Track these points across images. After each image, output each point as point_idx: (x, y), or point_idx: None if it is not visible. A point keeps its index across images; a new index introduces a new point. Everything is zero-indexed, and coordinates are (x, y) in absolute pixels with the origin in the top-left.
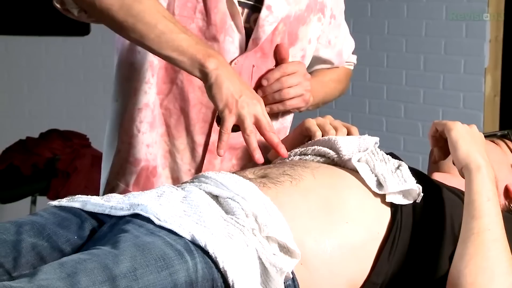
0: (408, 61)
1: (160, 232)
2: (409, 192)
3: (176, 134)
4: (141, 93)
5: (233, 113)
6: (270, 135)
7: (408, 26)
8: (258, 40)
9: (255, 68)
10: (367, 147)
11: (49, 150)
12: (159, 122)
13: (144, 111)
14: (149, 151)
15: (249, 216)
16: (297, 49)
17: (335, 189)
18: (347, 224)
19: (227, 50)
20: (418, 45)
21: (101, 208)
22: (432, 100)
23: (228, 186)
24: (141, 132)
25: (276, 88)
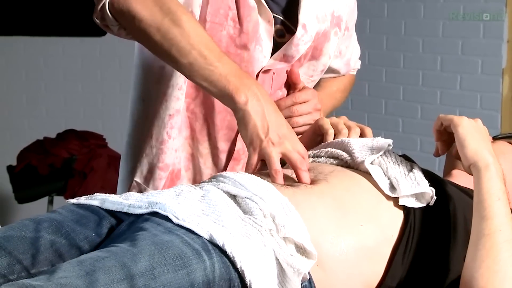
0: (425, 61)
1: (178, 231)
2: (422, 195)
3: (200, 138)
4: (173, 99)
5: (257, 152)
6: (299, 173)
7: (425, 27)
8: (291, 58)
9: (275, 75)
10: (380, 150)
11: (66, 150)
12: (185, 125)
13: (176, 117)
14: (176, 155)
15: (266, 216)
16: (320, 64)
17: (349, 192)
18: (362, 226)
19: (256, 59)
20: (435, 46)
21: (120, 206)
22: (449, 100)
23: (246, 186)
24: (171, 138)
25: (286, 115)
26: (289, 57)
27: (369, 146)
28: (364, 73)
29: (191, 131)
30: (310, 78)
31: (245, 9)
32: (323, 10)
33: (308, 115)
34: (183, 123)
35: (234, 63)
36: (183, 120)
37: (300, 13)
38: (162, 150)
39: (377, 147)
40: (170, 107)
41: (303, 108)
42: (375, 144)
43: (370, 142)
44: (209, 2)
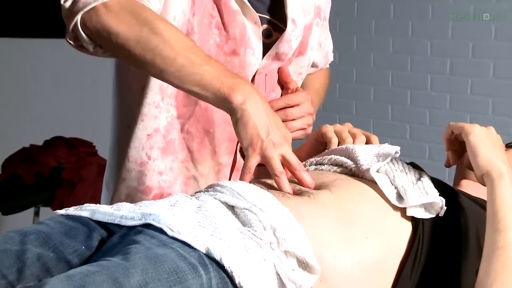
0: (433, 64)
1: (173, 244)
2: (431, 205)
3: (199, 158)
4: (151, 118)
5: (257, 153)
6: (301, 175)
7: (433, 28)
8: (284, 56)
9: (268, 77)
10: (387, 157)
11: (53, 159)
12: (180, 147)
13: (155, 137)
14: (162, 178)
15: (267, 228)
16: (306, 59)
17: (354, 202)
18: (368, 239)
19: (248, 63)
20: (444, 48)
21: (111, 217)
22: (459, 105)
23: (245, 196)
24: (152, 159)
25: (281, 119)
26: (282, 55)
27: (375, 153)
28: (369, 76)
29: (188, 153)
30: (299, 76)
31: (228, 14)
32: (306, 1)
33: (301, 119)
34: (179, 146)
35: (222, 64)
36: (178, 143)
37: (288, 8)
38: (142, 173)
39: (384, 154)
40: (147, 127)
41: (297, 112)
42: (382, 151)
43: (376, 149)
44: (195, 13)
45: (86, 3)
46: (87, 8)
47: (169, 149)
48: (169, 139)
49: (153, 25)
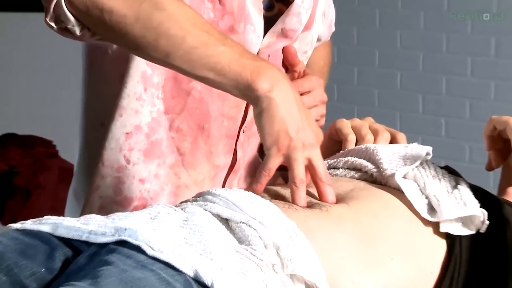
0: (475, 44)
1: (154, 266)
2: (471, 218)
3: (192, 161)
4: (131, 113)
5: (281, 153)
6: (324, 189)
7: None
8: (292, 32)
9: (271, 57)
10: (416, 159)
11: (4, 161)
12: (168, 149)
13: (135, 136)
14: (144, 187)
15: (268, 247)
16: (311, 34)
17: (376, 216)
18: (393, 261)
19: (248, 41)
20: (485, 27)
21: (77, 232)
22: (507, 95)
23: (242, 207)
24: (132, 163)
25: None
26: (290, 31)
27: (402, 154)
28: (395, 59)
29: (178, 156)
30: (304, 55)
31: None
32: None
33: (314, 109)
34: (166, 148)
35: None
36: (166, 144)
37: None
38: (119, 180)
39: (412, 156)
40: (126, 123)
41: (308, 100)
42: (409, 152)
43: (403, 149)
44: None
45: None
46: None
47: (154, 151)
48: (154, 139)
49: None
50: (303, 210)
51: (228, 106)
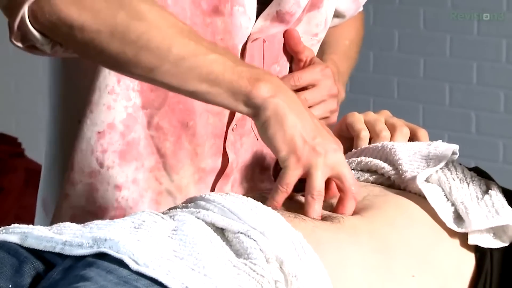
0: (509, 25)
1: (138, 282)
2: (503, 229)
3: (175, 164)
4: (103, 109)
5: (301, 163)
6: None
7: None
8: (289, 16)
9: (266, 44)
10: (440, 160)
11: None
12: (147, 150)
13: (109, 136)
14: (122, 195)
15: (270, 261)
16: (322, 13)
17: (394, 226)
18: (414, 278)
19: (236, 25)
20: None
21: (50, 243)
22: None
23: (240, 215)
24: (105, 167)
25: None
26: (287, 14)
27: (424, 154)
28: (418, 42)
29: (159, 158)
30: (314, 38)
31: None
32: None
33: (321, 104)
34: (145, 148)
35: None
36: (145, 145)
37: None
38: (92, 186)
39: (436, 156)
40: (97, 121)
41: (314, 95)
42: (433, 151)
43: (425, 148)
44: None
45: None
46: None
47: (131, 153)
48: (130, 139)
49: (131, 6)
50: (311, 220)
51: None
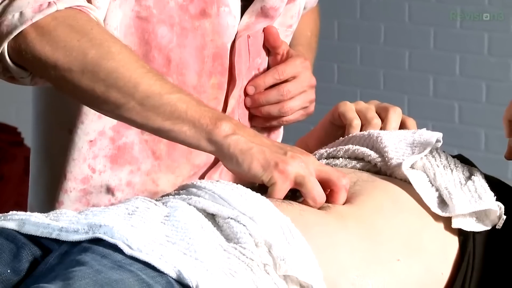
0: (492, 22)
1: (132, 266)
2: (486, 213)
3: (171, 164)
4: (93, 119)
5: (287, 174)
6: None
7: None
8: (273, 11)
9: (251, 39)
10: (425, 147)
11: None
12: (142, 154)
13: (99, 142)
14: (115, 197)
15: (260, 245)
16: (297, 5)
17: (381, 211)
18: (399, 262)
19: (223, 25)
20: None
21: (47, 229)
22: None
23: (230, 201)
24: (97, 172)
25: (274, 99)
26: (271, 10)
27: (409, 141)
28: (403, 34)
29: (155, 160)
30: (288, 29)
31: None
32: None
33: (302, 95)
34: (140, 152)
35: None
36: (140, 149)
37: None
38: (85, 192)
39: (421, 143)
40: (89, 130)
41: (294, 87)
42: (418, 139)
43: (410, 136)
44: None
45: (10, 27)
46: (13, 35)
47: (123, 157)
48: (122, 144)
49: (102, 47)
50: (298, 205)
51: (206, 99)
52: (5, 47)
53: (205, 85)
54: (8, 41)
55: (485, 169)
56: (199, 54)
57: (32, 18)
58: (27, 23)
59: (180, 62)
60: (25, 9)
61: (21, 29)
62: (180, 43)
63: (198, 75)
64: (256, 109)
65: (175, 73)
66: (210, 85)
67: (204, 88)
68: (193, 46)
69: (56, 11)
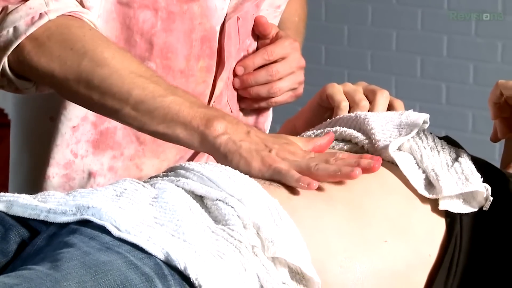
0: (483, 2)
1: (120, 248)
2: (473, 195)
3: (155, 149)
4: (75, 105)
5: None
6: None
7: None
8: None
9: (240, 21)
10: (412, 128)
11: None
12: (126, 139)
13: (82, 128)
14: (97, 181)
15: (248, 227)
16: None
17: (368, 193)
18: (386, 243)
19: (211, 8)
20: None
21: (34, 211)
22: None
23: (219, 183)
24: (79, 157)
25: (263, 80)
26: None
27: (396, 123)
28: (390, 16)
29: (139, 146)
30: (277, 10)
31: None
32: None
33: (291, 76)
34: (124, 138)
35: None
36: (123, 134)
37: None
38: (68, 177)
39: (407, 124)
40: (72, 116)
41: (283, 68)
42: (404, 120)
43: (397, 117)
44: None
45: (7, 42)
46: (10, 50)
47: (105, 142)
48: (104, 129)
49: (95, 53)
50: (286, 188)
51: (194, 82)
52: (5, 62)
53: (193, 68)
54: (8, 55)
55: (473, 150)
56: (187, 38)
57: (25, 31)
58: (22, 37)
59: (164, 46)
60: (18, 23)
61: (17, 44)
62: (165, 27)
63: (186, 59)
64: (245, 90)
65: (159, 58)
66: (198, 69)
67: (192, 72)
68: (180, 30)
69: (48, 21)
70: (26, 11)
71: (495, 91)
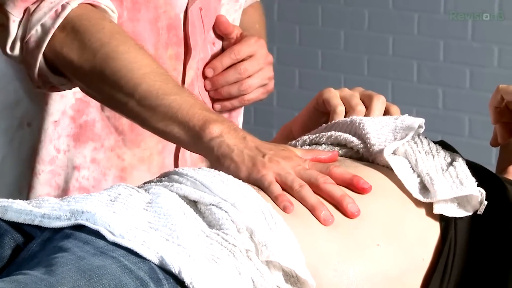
0: (477, 3)
1: (115, 252)
2: (467, 199)
3: (135, 138)
4: (56, 99)
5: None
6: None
7: None
8: None
9: (203, 11)
10: (407, 133)
11: None
12: (105, 131)
13: (62, 122)
14: (81, 175)
15: (242, 231)
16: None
17: (360, 197)
18: (379, 247)
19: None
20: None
21: (29, 216)
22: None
23: (212, 188)
24: (61, 152)
25: (232, 79)
26: None
27: (391, 128)
28: (387, 21)
29: (118, 136)
30: (237, 4)
31: None
32: None
33: (260, 72)
34: (103, 129)
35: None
36: (102, 126)
37: None
38: (53, 172)
39: (403, 129)
40: (53, 111)
41: (252, 65)
42: (400, 124)
43: (393, 122)
44: None
45: (38, 40)
46: (44, 47)
47: (86, 135)
48: (83, 122)
49: (110, 46)
50: None
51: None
52: (42, 60)
53: (162, 56)
54: (43, 52)
55: (469, 154)
56: (154, 26)
57: (53, 25)
58: (51, 32)
59: (133, 35)
60: (44, 19)
61: (48, 39)
62: (132, 17)
63: (155, 47)
64: (216, 92)
65: None
66: (167, 56)
67: (163, 60)
68: (146, 19)
69: (71, 10)
70: (49, 6)
71: (496, 96)
